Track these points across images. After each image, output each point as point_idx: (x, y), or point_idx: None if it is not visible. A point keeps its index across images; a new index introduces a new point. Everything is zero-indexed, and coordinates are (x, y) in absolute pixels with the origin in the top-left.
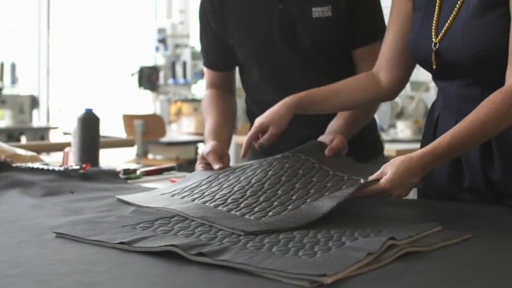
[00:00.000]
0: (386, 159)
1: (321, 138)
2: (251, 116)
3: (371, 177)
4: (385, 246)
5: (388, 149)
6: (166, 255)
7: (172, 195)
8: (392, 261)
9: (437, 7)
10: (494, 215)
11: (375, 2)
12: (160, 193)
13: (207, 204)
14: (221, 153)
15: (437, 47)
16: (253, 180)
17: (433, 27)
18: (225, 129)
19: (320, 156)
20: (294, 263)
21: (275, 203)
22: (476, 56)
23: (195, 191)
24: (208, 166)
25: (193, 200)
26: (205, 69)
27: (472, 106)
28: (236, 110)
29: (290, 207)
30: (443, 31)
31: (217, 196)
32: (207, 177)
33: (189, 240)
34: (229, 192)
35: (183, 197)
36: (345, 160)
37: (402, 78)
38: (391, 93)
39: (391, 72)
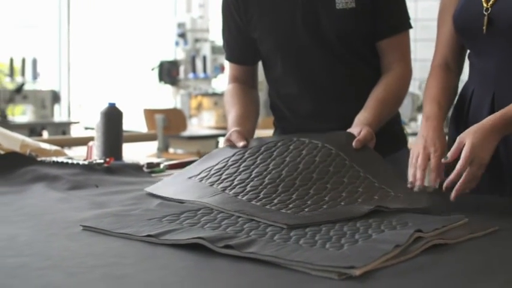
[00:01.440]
0: (409, 151)
1: (349, 131)
2: (275, 109)
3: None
4: (412, 239)
5: (411, 142)
6: (194, 247)
7: (201, 180)
8: (420, 254)
9: None
10: None
11: None
12: (188, 176)
13: (239, 197)
14: (245, 135)
15: (489, 11)
16: (283, 173)
17: None
18: (248, 120)
19: (350, 151)
20: (322, 255)
21: (308, 202)
22: None
23: (223, 175)
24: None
25: (224, 189)
26: (228, 64)
27: (510, 77)
28: (259, 104)
29: (325, 206)
30: None
31: (248, 188)
32: (233, 155)
33: (216, 232)
34: (260, 185)
35: (211, 183)
36: (373, 157)
37: (463, 60)
38: (459, 78)
39: (458, 58)
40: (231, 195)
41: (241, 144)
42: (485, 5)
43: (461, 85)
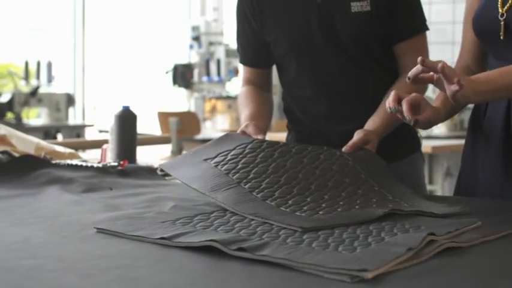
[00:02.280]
0: (423, 156)
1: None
2: (288, 112)
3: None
4: (425, 242)
5: (424, 145)
6: (207, 250)
7: (216, 165)
8: (432, 257)
9: None
10: None
11: None
12: (204, 158)
13: (254, 193)
14: (261, 129)
15: (504, 17)
16: (300, 175)
17: (500, 0)
18: (261, 119)
19: (366, 166)
20: (335, 258)
21: (323, 205)
22: None
23: (240, 164)
24: None
25: (239, 181)
26: (242, 67)
27: None
28: (273, 107)
29: (339, 209)
30: (510, 1)
31: (263, 185)
32: (251, 142)
33: (229, 235)
34: (276, 183)
35: (227, 171)
36: (387, 174)
37: (486, 65)
38: None
39: (480, 63)
40: (246, 190)
41: (258, 137)
42: (500, 10)
43: None
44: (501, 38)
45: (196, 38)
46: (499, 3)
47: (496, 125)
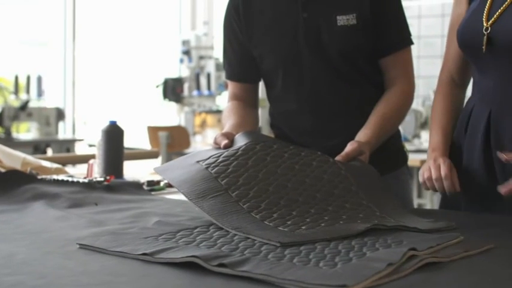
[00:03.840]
0: (410, 170)
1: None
2: (275, 127)
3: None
4: (406, 257)
5: (413, 159)
6: (188, 266)
7: (207, 167)
8: (413, 272)
9: None
10: None
11: (399, 10)
12: (197, 159)
13: (240, 203)
14: (231, 136)
15: (489, 31)
16: (289, 185)
17: (485, 13)
18: (243, 130)
19: (358, 177)
20: (315, 274)
21: (308, 219)
22: None
23: (230, 168)
24: None
25: (227, 188)
26: (228, 82)
27: (508, 95)
28: (258, 122)
29: (323, 224)
30: (496, 15)
31: (251, 194)
32: (245, 144)
33: (211, 251)
34: (264, 192)
35: (217, 175)
36: (379, 187)
37: (469, 76)
38: (465, 91)
39: (464, 73)
40: (233, 199)
41: (223, 143)
42: (485, 24)
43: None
44: (483, 51)
45: (187, 52)
46: (484, 16)
47: (477, 141)
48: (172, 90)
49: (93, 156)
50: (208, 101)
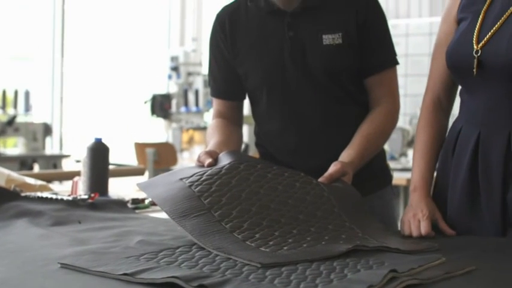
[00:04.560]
0: (394, 190)
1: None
2: (259, 146)
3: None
4: (387, 279)
5: (399, 177)
6: (169, 286)
7: (191, 185)
8: None
9: (481, 17)
10: (500, 247)
11: (385, 30)
12: (180, 177)
13: (223, 223)
14: (215, 154)
15: (479, 53)
16: (272, 205)
17: (475, 35)
18: (227, 148)
19: (340, 198)
20: None
21: (290, 240)
22: None
23: (214, 187)
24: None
25: (210, 207)
26: (213, 100)
27: (498, 118)
28: (242, 140)
29: (305, 245)
30: (486, 38)
31: (234, 214)
32: (229, 163)
33: (192, 271)
34: (247, 213)
35: (200, 194)
36: (361, 210)
37: (455, 96)
38: (449, 114)
39: (450, 93)
40: (215, 219)
41: (207, 161)
42: (475, 47)
43: (452, 120)
44: (474, 73)
45: (175, 68)
46: (474, 39)
47: (463, 162)
48: (160, 106)
49: (78, 173)
50: (196, 118)
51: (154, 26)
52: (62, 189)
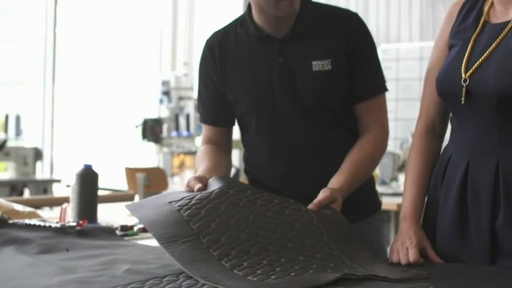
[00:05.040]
0: (384, 216)
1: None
2: (248, 173)
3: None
4: None
5: (390, 202)
6: None
7: (180, 209)
8: None
9: (470, 45)
10: (489, 275)
11: (374, 57)
12: (169, 200)
13: (211, 250)
14: (204, 180)
15: (467, 82)
16: (261, 232)
17: (464, 64)
18: (217, 173)
19: (329, 226)
20: None
21: (278, 269)
22: (505, 92)
23: (203, 211)
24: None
25: (199, 233)
26: (202, 125)
27: (486, 146)
28: (231, 166)
29: (293, 274)
30: (474, 66)
31: (223, 240)
32: (218, 188)
33: None
34: (236, 240)
35: (189, 219)
36: (350, 238)
37: (448, 120)
38: (442, 140)
39: (443, 118)
40: (203, 245)
41: (197, 186)
42: (463, 75)
43: (444, 143)
44: (462, 102)
45: (166, 93)
46: (463, 67)
47: (452, 191)
48: (152, 130)
49: (68, 199)
50: (187, 142)
51: (146, 50)
52: (51, 216)
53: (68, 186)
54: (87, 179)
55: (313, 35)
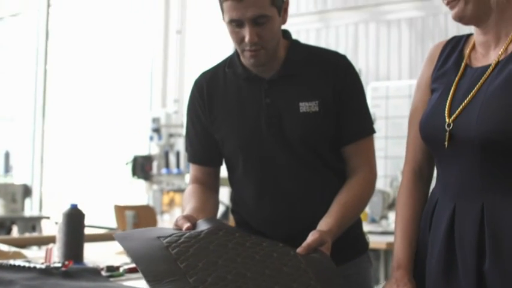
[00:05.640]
0: (370, 258)
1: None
2: (235, 213)
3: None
4: None
5: (379, 241)
6: None
7: (168, 246)
8: None
9: (452, 89)
10: None
11: (361, 99)
12: (158, 235)
13: None
14: (192, 219)
15: (451, 127)
16: (249, 274)
17: (447, 108)
18: (203, 214)
19: (317, 271)
20: None
21: None
22: (487, 137)
23: (191, 250)
24: None
25: (185, 273)
26: (190, 165)
27: (471, 190)
28: (218, 206)
29: None
30: (458, 111)
31: (209, 280)
32: (208, 228)
33: None
34: (222, 280)
35: (177, 257)
36: (338, 285)
37: (434, 164)
38: (430, 183)
39: (430, 163)
40: (190, 285)
41: (185, 226)
42: (447, 120)
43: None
44: (445, 146)
45: (157, 130)
46: (446, 111)
47: (439, 236)
48: (141, 167)
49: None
50: (177, 180)
51: (136, 87)
52: (38, 255)
53: (56, 223)
54: (74, 218)
55: (300, 76)
